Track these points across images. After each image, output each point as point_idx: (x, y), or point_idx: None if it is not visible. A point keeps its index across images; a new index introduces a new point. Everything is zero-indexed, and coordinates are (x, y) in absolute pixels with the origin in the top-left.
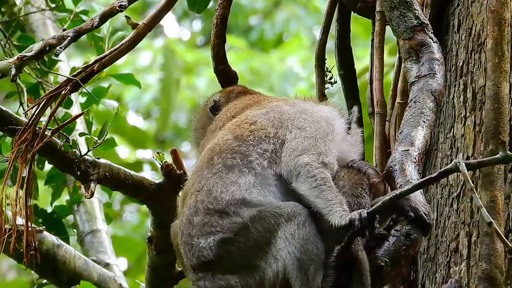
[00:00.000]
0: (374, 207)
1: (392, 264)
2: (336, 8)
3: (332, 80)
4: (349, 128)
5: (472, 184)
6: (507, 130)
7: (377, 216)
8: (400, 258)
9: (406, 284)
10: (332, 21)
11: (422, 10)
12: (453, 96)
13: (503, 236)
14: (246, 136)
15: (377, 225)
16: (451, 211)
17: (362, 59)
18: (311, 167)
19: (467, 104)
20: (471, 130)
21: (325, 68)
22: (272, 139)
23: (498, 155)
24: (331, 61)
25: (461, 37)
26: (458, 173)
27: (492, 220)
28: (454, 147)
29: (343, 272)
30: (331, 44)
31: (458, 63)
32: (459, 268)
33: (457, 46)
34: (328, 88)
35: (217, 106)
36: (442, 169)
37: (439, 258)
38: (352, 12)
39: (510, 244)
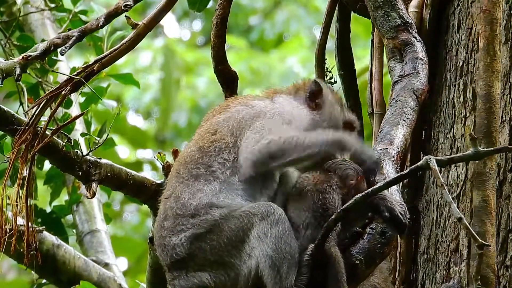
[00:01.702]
0: (346, 204)
1: (367, 262)
2: (336, 8)
3: (332, 80)
4: (315, 104)
5: (443, 181)
6: (498, 129)
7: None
8: (375, 256)
9: (406, 284)
10: (332, 21)
11: (422, 10)
12: (453, 96)
13: (473, 232)
14: (207, 148)
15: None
16: (451, 211)
17: (362, 59)
18: (268, 142)
19: (467, 104)
20: (471, 130)
21: (325, 68)
22: (233, 149)
23: (469, 152)
24: (331, 61)
25: (461, 37)
26: (459, 173)
27: (462, 215)
28: (454, 147)
29: (318, 270)
30: (331, 44)
31: (458, 63)
32: (459, 268)
33: (457, 46)
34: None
35: None
36: (413, 166)
37: (439, 258)
38: (352, 12)
39: (480, 240)
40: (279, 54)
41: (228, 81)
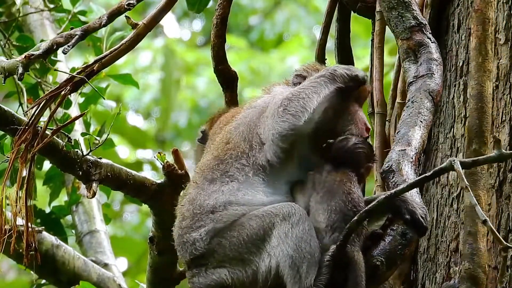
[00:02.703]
0: (369, 206)
1: (388, 263)
2: (336, 8)
3: None
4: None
5: (467, 183)
6: (490, 129)
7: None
8: (396, 258)
9: (406, 284)
10: (332, 21)
11: (422, 10)
12: (453, 96)
13: (498, 235)
14: (222, 156)
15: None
16: (451, 211)
17: (362, 59)
18: (284, 104)
19: (467, 104)
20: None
21: None
22: (250, 153)
23: (493, 154)
24: (331, 61)
25: (461, 37)
26: None
27: (487, 218)
28: (454, 147)
29: (339, 271)
30: (331, 44)
31: (458, 63)
32: (459, 268)
33: (457, 46)
34: None
35: (205, 136)
36: (437, 168)
37: (439, 258)
38: (352, 12)
39: (504, 242)
40: (279, 54)
41: (228, 81)
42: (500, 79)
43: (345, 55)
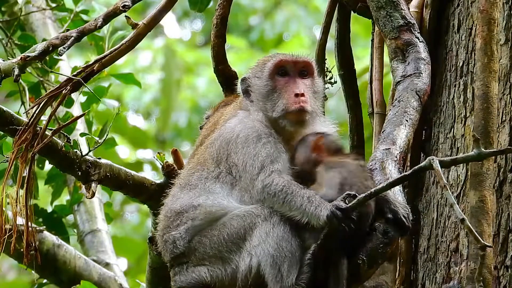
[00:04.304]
0: (349, 204)
1: (369, 262)
2: (336, 8)
3: (332, 80)
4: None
5: (446, 182)
6: (495, 129)
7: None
8: (377, 256)
9: (406, 284)
10: (332, 21)
11: (422, 10)
12: (453, 96)
13: (476, 234)
14: (193, 167)
15: (355, 217)
16: (451, 211)
17: (362, 59)
18: (269, 188)
19: (467, 104)
20: (471, 130)
21: (325, 68)
22: (216, 169)
23: (472, 153)
24: (331, 61)
25: (461, 37)
26: (459, 173)
27: (465, 217)
28: (454, 147)
29: (320, 269)
30: (331, 44)
31: (458, 63)
32: (459, 268)
33: (457, 46)
34: (328, 88)
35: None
36: (416, 167)
37: (439, 258)
38: (352, 12)
39: (482, 241)
40: None
41: (228, 81)
42: (500, 79)
43: (345, 55)
